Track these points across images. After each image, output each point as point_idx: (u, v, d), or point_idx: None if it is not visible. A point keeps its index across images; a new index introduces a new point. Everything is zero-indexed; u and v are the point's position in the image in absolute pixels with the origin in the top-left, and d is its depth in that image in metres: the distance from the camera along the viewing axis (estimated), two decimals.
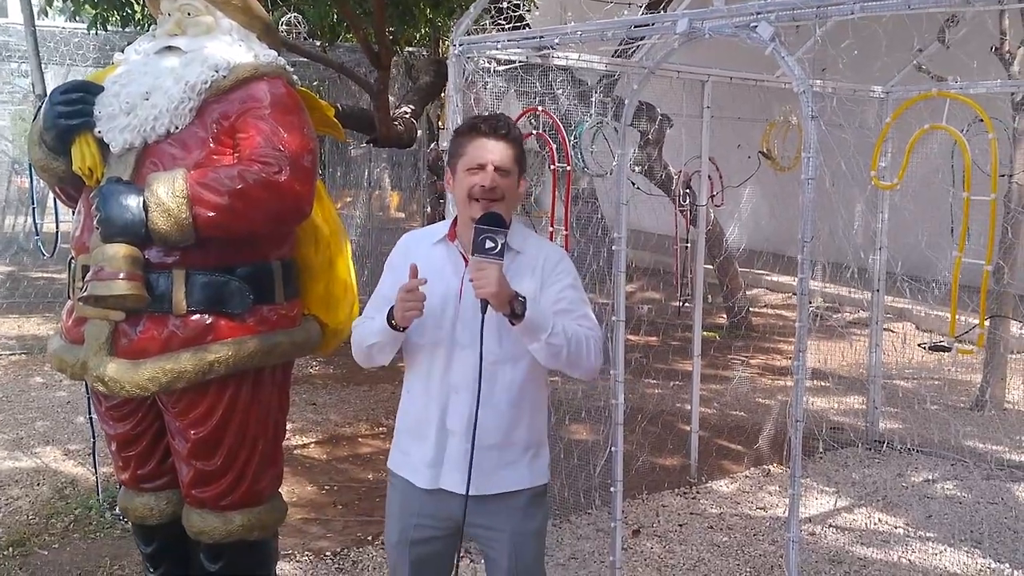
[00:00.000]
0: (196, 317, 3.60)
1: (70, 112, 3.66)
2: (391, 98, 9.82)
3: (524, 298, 2.93)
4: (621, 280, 4.43)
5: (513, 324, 2.95)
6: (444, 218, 4.05)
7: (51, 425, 7.69)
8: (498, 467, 3.15)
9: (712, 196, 8.12)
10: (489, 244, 2.88)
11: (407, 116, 9.70)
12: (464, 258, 3.11)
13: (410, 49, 11.69)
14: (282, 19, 9.64)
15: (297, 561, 5.27)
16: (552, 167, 5.41)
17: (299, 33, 9.85)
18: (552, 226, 5.36)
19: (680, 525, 5.87)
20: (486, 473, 3.12)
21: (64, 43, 10.39)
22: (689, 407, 6.90)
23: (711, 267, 11.33)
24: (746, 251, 11.50)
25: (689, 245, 9.40)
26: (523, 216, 6.24)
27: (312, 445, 7.38)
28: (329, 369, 9.73)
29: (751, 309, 12.04)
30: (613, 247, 4.47)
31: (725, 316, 12.03)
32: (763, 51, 3.81)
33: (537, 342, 2.98)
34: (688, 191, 8.84)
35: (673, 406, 8.42)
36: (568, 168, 5.41)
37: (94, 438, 5.90)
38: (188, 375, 3.56)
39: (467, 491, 3.04)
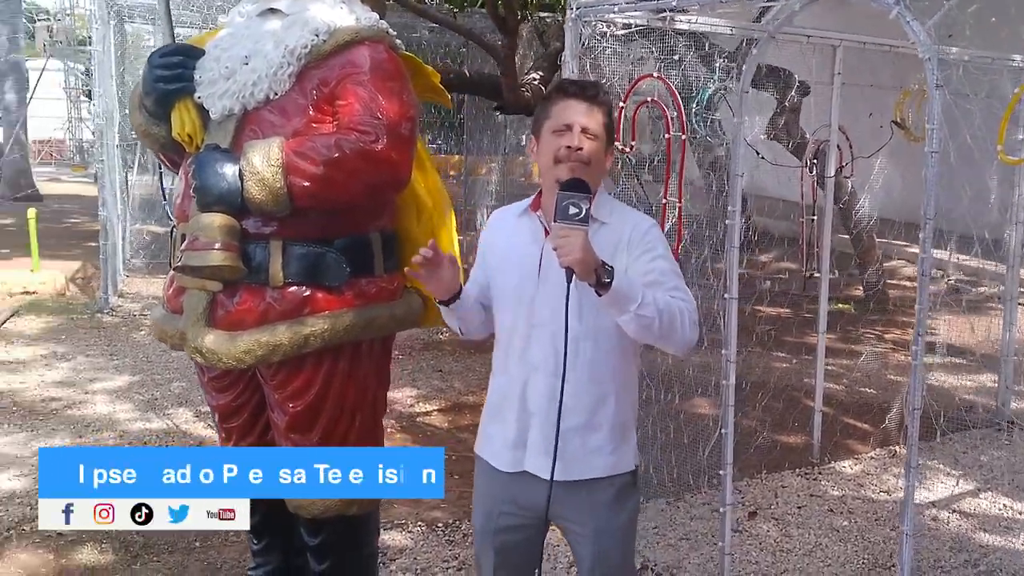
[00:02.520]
0: (293, 289, 3.55)
1: (169, 76, 3.62)
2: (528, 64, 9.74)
3: (611, 267, 2.74)
4: (734, 256, 4.25)
5: (600, 295, 2.75)
6: None
7: (187, 387, 7.77)
8: (583, 452, 3.00)
9: (841, 167, 7.80)
10: (573, 210, 2.69)
11: (535, 83, 9.59)
12: (545, 229, 2.96)
13: (542, 15, 11.54)
14: None
15: (409, 531, 5.25)
16: (667, 136, 5.22)
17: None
18: (666, 198, 5.18)
19: (799, 507, 5.67)
20: (570, 458, 2.96)
21: (192, 5, 10.45)
22: (814, 383, 6.67)
23: (847, 237, 10.96)
24: (877, 222, 11.03)
25: (816, 216, 9.10)
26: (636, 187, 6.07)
27: (435, 413, 7.37)
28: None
29: (888, 281, 11.60)
30: (727, 221, 4.30)
31: (861, 288, 11.62)
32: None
33: (626, 314, 2.78)
34: (816, 161, 8.53)
35: (800, 381, 8.12)
36: (683, 137, 5.22)
37: None
38: (284, 348, 3.52)
39: (551, 475, 2.87)
